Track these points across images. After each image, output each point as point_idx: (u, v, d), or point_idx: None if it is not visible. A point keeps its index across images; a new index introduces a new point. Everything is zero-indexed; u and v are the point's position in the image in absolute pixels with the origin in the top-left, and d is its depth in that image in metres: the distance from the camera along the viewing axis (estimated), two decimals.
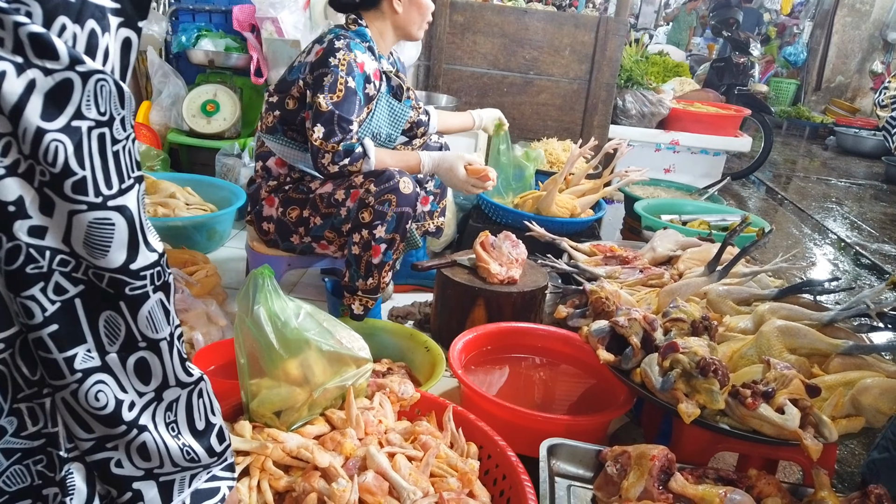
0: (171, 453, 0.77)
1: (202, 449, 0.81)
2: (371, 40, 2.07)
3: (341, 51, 1.95)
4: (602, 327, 1.71)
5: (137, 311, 0.71)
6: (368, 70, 2.02)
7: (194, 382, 0.79)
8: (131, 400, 0.73)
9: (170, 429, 0.77)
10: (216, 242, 2.86)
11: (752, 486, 1.45)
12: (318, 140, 1.95)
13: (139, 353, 0.73)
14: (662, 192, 3.60)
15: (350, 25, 2.07)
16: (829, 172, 7.91)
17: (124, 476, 0.76)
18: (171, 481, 0.79)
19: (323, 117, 1.93)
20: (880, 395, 1.48)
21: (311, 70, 1.98)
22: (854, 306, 1.74)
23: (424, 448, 1.40)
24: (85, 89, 0.61)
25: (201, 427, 0.81)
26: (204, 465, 0.82)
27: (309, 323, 1.45)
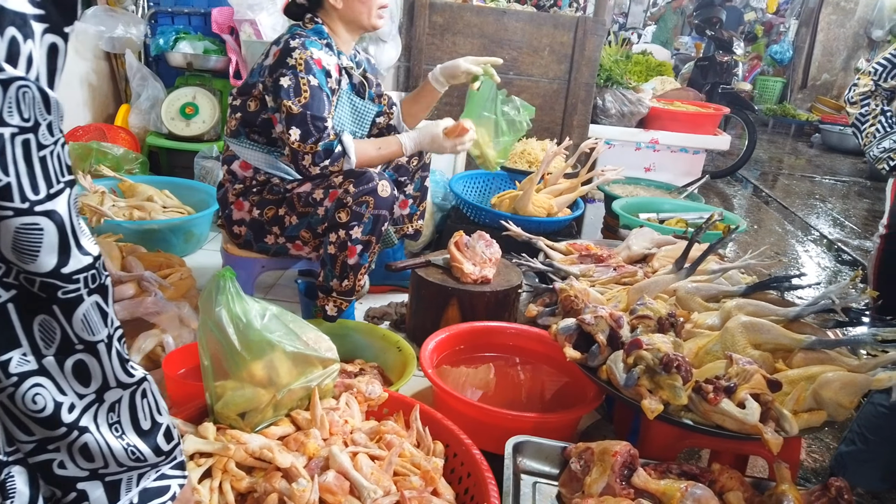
0: (115, 453, 0.77)
1: (148, 448, 0.81)
2: (329, 37, 2.08)
3: (297, 50, 1.95)
4: (569, 325, 1.72)
5: (72, 315, 0.71)
6: (327, 65, 2.02)
7: (136, 383, 0.79)
8: (71, 402, 0.73)
9: (113, 429, 0.78)
10: (193, 245, 2.86)
11: (714, 481, 1.46)
12: (296, 143, 1.95)
13: (77, 356, 0.73)
14: (642, 190, 3.62)
15: (307, 24, 2.08)
16: (815, 170, 7.96)
17: (68, 477, 0.76)
18: (118, 481, 0.79)
19: (296, 119, 1.94)
20: (841, 389, 1.50)
21: (270, 73, 1.98)
22: (819, 302, 1.76)
23: (389, 447, 1.41)
24: (6, 96, 0.61)
25: (147, 427, 0.81)
26: (151, 465, 0.82)
27: (274, 324, 1.46)
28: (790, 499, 1.40)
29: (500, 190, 3.21)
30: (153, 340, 1.93)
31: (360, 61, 2.30)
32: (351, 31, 2.14)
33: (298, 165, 1.99)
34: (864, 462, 1.92)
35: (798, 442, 1.66)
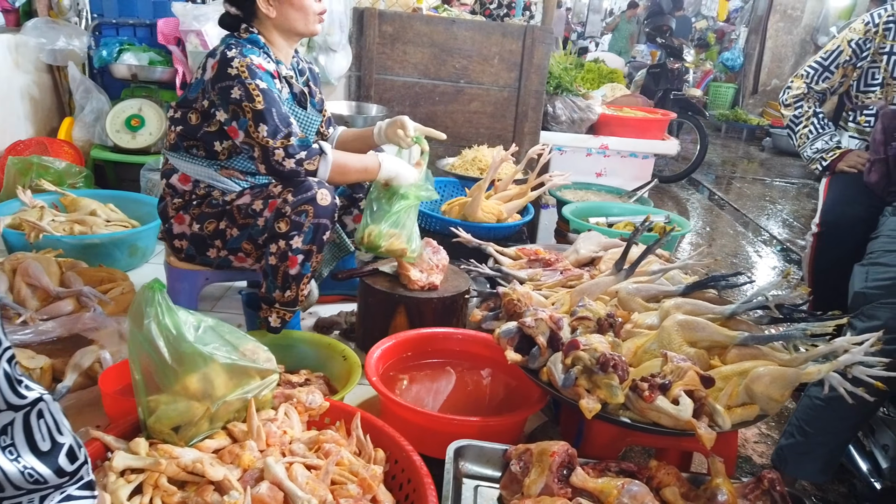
0: (9, 477, 0.75)
1: (49, 470, 0.79)
2: (265, 46, 2.06)
3: (236, 59, 1.93)
4: (510, 328, 1.74)
5: None
6: (269, 70, 1.99)
7: (30, 404, 0.77)
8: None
9: (7, 452, 0.76)
10: (139, 259, 2.81)
11: (652, 477, 1.48)
12: (265, 139, 1.90)
13: None
14: (593, 195, 3.67)
15: (242, 34, 2.06)
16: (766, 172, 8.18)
17: None
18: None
19: (261, 117, 1.89)
20: (771, 383, 1.53)
21: (213, 86, 1.95)
22: (754, 299, 1.80)
23: (327, 456, 1.40)
24: None
25: (46, 448, 0.79)
26: (54, 486, 0.80)
27: (209, 336, 1.44)
28: (724, 492, 1.42)
29: (450, 197, 3.22)
30: (91, 357, 1.89)
31: (304, 69, 2.29)
32: (288, 39, 2.11)
33: (270, 162, 1.92)
34: (804, 454, 1.97)
35: (734, 436, 1.70)
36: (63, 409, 1.82)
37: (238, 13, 2.06)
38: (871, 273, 1.88)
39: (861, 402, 1.53)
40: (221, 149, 2.08)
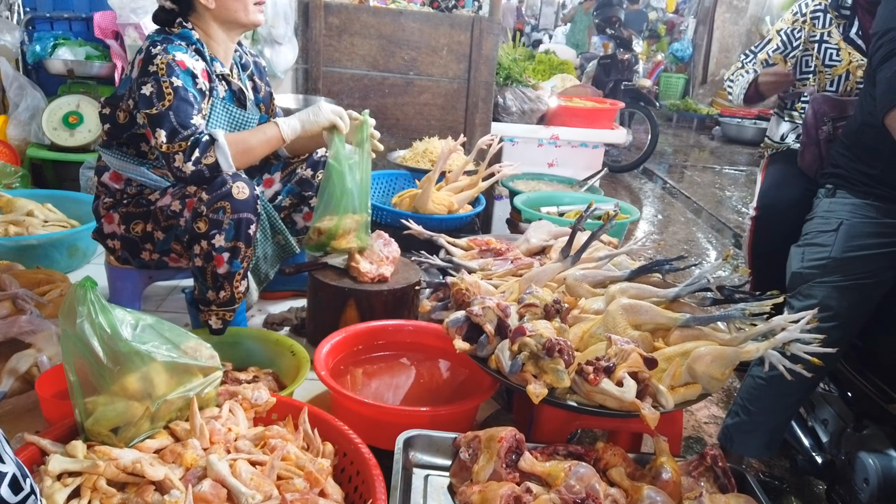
0: None
1: None
2: (199, 42, 2.00)
3: (158, 56, 1.87)
4: (458, 317, 1.74)
5: None
6: (192, 67, 1.93)
7: None
8: None
9: None
10: (80, 260, 2.72)
11: (599, 459, 1.51)
12: (164, 144, 1.85)
13: None
14: (545, 185, 3.70)
15: (174, 29, 2.00)
16: (717, 161, 8.38)
17: None
18: None
19: (160, 121, 1.85)
20: (712, 363, 1.57)
21: (137, 84, 1.89)
22: (696, 281, 1.84)
23: (273, 451, 1.38)
24: None
25: None
26: None
27: (148, 335, 1.40)
28: (668, 470, 1.45)
29: (400, 189, 3.21)
30: (27, 361, 1.83)
31: (247, 63, 2.24)
32: (229, 32, 2.06)
33: (172, 169, 1.88)
34: (749, 432, 2.03)
35: (678, 416, 1.73)
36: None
37: (174, 7, 2.00)
38: (806, 253, 1.94)
39: (800, 379, 1.58)
40: (149, 149, 2.02)
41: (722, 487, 1.47)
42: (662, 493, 1.40)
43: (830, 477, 1.98)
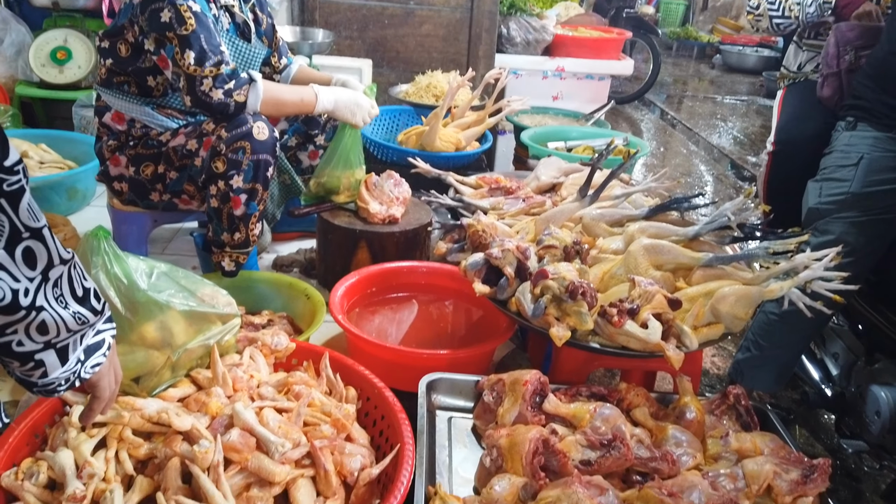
0: (66, 322, 0.87)
1: (88, 311, 0.90)
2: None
3: None
4: (477, 260, 1.71)
5: (18, 205, 0.76)
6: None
7: (71, 257, 0.86)
8: (25, 287, 0.80)
9: (59, 302, 0.86)
10: (79, 202, 2.65)
11: (622, 399, 1.51)
12: (191, 67, 1.75)
13: (24, 244, 0.79)
14: (550, 119, 3.61)
15: None
16: (717, 90, 8.22)
17: (26, 351, 0.86)
18: (66, 345, 0.90)
19: (188, 43, 1.74)
20: (736, 302, 1.56)
21: (143, 10, 1.78)
22: (716, 220, 1.81)
23: (297, 398, 1.37)
24: None
25: (81, 293, 0.89)
26: (91, 324, 0.92)
27: (163, 283, 1.37)
28: (692, 409, 1.46)
29: (406, 126, 3.12)
30: None
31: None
32: None
33: (196, 93, 1.78)
34: (759, 367, 2.05)
35: (699, 355, 1.74)
36: None
37: None
38: (824, 189, 1.91)
39: (816, 314, 1.57)
40: (155, 84, 1.93)
41: (745, 425, 1.48)
42: (687, 432, 1.41)
43: (840, 409, 2.01)
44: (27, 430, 1.25)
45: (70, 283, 0.87)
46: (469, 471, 1.39)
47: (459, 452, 1.45)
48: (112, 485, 1.15)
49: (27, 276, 0.80)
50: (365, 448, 1.35)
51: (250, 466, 1.19)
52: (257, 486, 1.18)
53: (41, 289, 0.82)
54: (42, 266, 0.81)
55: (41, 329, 0.85)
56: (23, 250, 0.78)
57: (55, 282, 0.84)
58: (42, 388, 0.92)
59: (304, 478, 1.23)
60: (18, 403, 1.51)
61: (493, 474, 1.29)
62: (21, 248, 0.78)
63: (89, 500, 1.13)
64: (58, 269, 0.84)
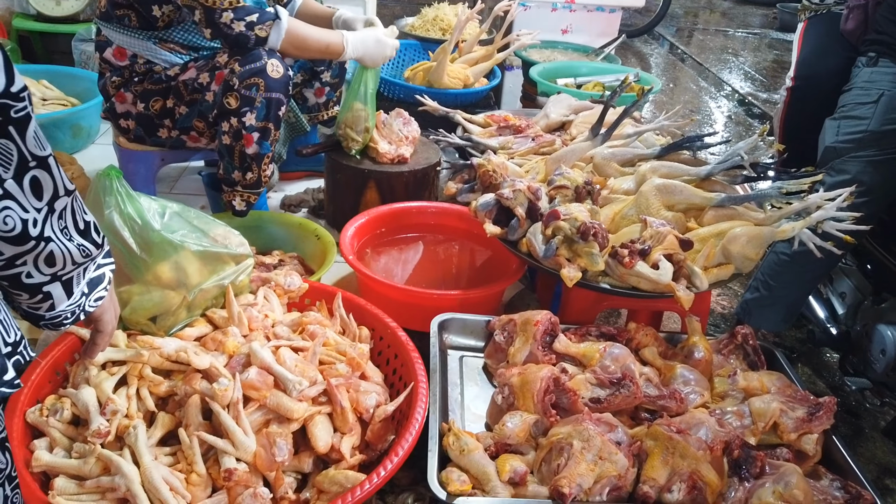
0: (72, 255, 0.87)
1: (90, 244, 0.90)
2: None
3: None
4: (488, 201, 1.70)
5: (25, 133, 0.74)
6: None
7: (73, 189, 0.85)
8: (33, 217, 0.80)
9: (64, 234, 0.85)
10: (83, 140, 2.62)
11: (631, 339, 1.53)
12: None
13: (31, 173, 0.77)
14: (559, 54, 3.53)
15: None
16: (728, 23, 7.97)
17: (34, 283, 0.87)
18: (71, 278, 0.91)
19: None
20: (747, 243, 1.56)
21: None
22: (729, 159, 1.79)
23: (312, 338, 1.39)
24: None
25: (83, 226, 0.89)
26: (93, 258, 0.93)
27: (176, 223, 1.37)
28: (700, 349, 1.48)
29: (413, 62, 3.05)
30: None
31: None
32: None
33: (217, 24, 1.74)
34: (767, 307, 2.06)
35: (708, 295, 1.75)
36: None
37: None
38: (842, 127, 1.87)
39: (827, 255, 1.58)
40: (161, 14, 1.87)
41: (752, 364, 1.51)
42: (695, 371, 1.44)
43: (845, 348, 2.04)
44: (49, 368, 1.27)
45: (73, 216, 0.87)
46: (480, 408, 1.43)
47: (471, 390, 1.48)
48: (135, 420, 1.18)
49: (35, 207, 0.79)
50: (379, 386, 1.38)
51: (269, 404, 1.21)
52: (276, 422, 1.21)
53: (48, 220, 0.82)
54: (48, 197, 0.81)
55: (49, 261, 0.86)
56: (30, 180, 0.77)
57: (60, 213, 0.84)
58: (49, 321, 0.94)
59: (321, 415, 1.26)
60: (38, 341, 1.54)
61: (505, 411, 1.32)
62: (28, 178, 0.77)
63: (113, 435, 1.16)
64: (63, 201, 0.83)
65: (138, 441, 1.14)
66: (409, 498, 1.62)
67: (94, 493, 1.10)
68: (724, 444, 1.21)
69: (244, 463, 1.16)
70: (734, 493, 1.18)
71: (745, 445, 1.22)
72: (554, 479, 1.14)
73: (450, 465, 1.22)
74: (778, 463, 1.22)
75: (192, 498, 1.12)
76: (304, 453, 1.24)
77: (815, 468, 1.28)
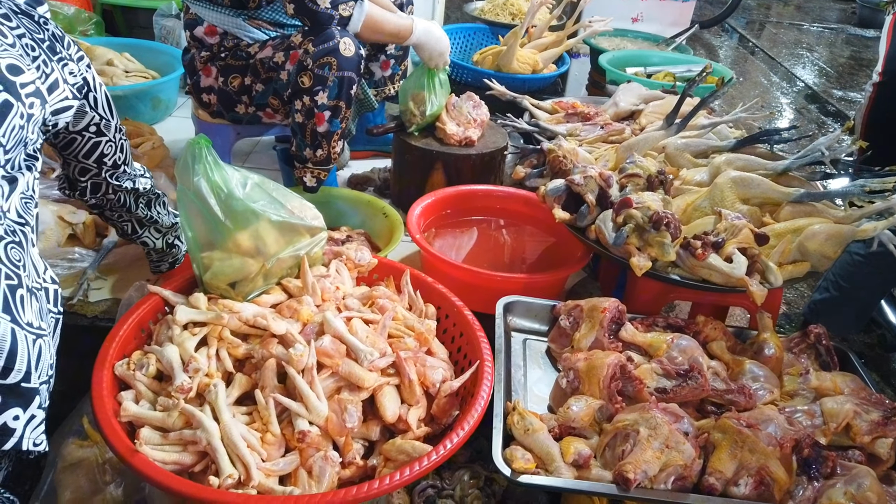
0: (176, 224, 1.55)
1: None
2: None
3: None
4: (558, 186, 1.70)
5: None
6: None
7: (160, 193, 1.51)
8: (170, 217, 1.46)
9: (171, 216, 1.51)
10: (162, 112, 2.72)
11: (699, 332, 1.51)
12: None
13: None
14: (629, 42, 3.47)
15: None
16: (803, 17, 7.68)
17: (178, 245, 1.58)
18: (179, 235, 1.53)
19: None
20: (826, 241, 1.52)
21: None
22: (809, 154, 1.74)
23: (382, 311, 1.42)
24: None
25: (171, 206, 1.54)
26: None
27: (257, 193, 1.41)
28: (771, 346, 1.46)
29: (481, 46, 3.05)
30: None
31: None
32: None
33: (305, 4, 1.79)
34: (837, 308, 2.01)
35: (779, 292, 1.71)
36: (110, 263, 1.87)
37: None
38: None
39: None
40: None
41: (824, 365, 1.47)
42: (765, 367, 1.42)
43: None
44: (135, 325, 1.34)
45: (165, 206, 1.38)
46: (543, 391, 1.44)
47: (534, 373, 1.49)
48: (215, 379, 1.23)
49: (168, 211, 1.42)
50: (445, 362, 1.40)
51: (341, 371, 1.25)
52: (347, 390, 1.25)
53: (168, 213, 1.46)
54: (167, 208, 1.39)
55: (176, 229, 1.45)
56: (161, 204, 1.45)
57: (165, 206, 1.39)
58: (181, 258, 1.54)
59: (389, 386, 1.29)
60: (121, 302, 1.61)
61: (569, 395, 1.33)
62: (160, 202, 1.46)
63: (195, 391, 1.21)
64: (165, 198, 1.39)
65: (218, 398, 1.19)
66: (465, 475, 1.65)
67: (177, 445, 1.16)
68: (794, 442, 1.19)
69: (316, 426, 1.20)
70: (802, 492, 1.16)
71: (816, 445, 1.20)
72: (619, 464, 1.15)
73: (513, 443, 1.24)
74: (850, 464, 1.20)
75: (267, 456, 1.17)
76: (371, 422, 1.27)
77: (889, 473, 1.25)
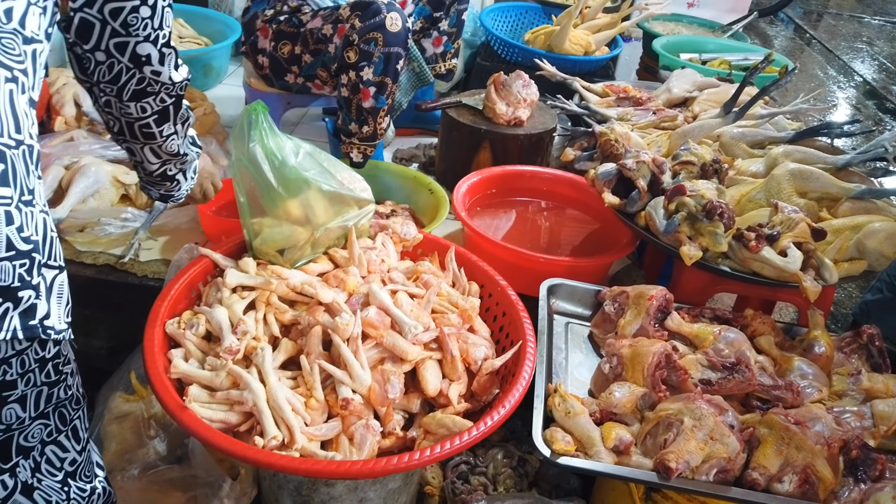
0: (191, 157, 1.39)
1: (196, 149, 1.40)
2: None
3: None
4: (609, 170, 1.67)
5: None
6: None
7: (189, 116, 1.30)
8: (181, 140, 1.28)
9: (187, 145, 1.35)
10: (213, 79, 2.75)
11: (746, 326, 1.49)
12: None
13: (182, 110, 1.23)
14: (684, 28, 3.39)
15: None
16: (864, 9, 7.40)
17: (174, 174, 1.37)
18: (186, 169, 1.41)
19: None
20: (886, 239, 1.48)
21: None
22: (871, 150, 1.69)
23: (426, 286, 1.42)
24: None
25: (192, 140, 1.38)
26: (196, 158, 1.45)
27: (308, 162, 1.42)
28: (822, 344, 1.42)
29: (533, 25, 3.00)
30: None
31: None
32: None
33: None
34: (890, 310, 1.94)
35: (832, 290, 1.66)
36: (161, 225, 1.89)
37: None
38: None
39: None
40: None
41: (875, 366, 1.44)
42: (814, 365, 1.39)
43: None
44: (185, 286, 1.36)
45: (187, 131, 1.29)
46: (584, 375, 1.43)
47: (575, 357, 1.48)
48: (262, 342, 1.25)
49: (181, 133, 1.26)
50: (487, 341, 1.40)
51: (385, 343, 1.26)
52: (390, 361, 1.26)
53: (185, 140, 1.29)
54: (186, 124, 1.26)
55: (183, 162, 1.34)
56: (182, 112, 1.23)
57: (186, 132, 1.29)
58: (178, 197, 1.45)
59: (431, 360, 1.29)
60: (171, 263, 1.65)
61: (612, 381, 1.32)
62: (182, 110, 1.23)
63: (242, 353, 1.23)
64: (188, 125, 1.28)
65: (265, 361, 1.21)
66: (498, 454, 1.66)
67: (224, 404, 1.18)
68: (842, 443, 1.17)
69: (359, 395, 1.21)
70: (848, 493, 1.14)
71: (865, 446, 1.17)
72: (661, 453, 1.14)
73: (553, 425, 1.23)
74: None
75: (310, 421, 1.18)
76: (412, 394, 1.28)
77: None
